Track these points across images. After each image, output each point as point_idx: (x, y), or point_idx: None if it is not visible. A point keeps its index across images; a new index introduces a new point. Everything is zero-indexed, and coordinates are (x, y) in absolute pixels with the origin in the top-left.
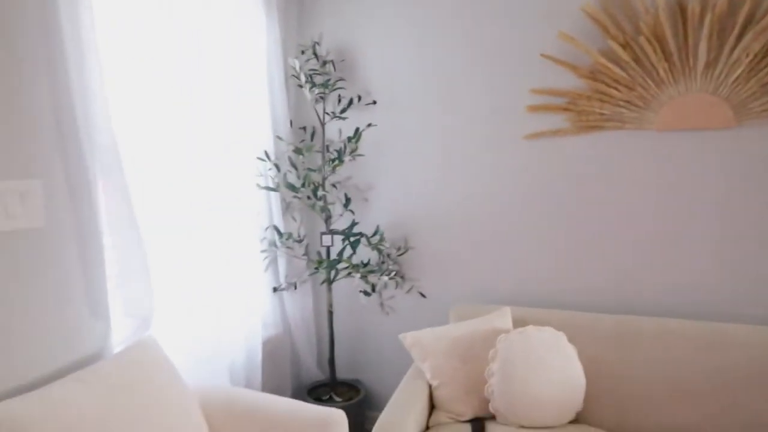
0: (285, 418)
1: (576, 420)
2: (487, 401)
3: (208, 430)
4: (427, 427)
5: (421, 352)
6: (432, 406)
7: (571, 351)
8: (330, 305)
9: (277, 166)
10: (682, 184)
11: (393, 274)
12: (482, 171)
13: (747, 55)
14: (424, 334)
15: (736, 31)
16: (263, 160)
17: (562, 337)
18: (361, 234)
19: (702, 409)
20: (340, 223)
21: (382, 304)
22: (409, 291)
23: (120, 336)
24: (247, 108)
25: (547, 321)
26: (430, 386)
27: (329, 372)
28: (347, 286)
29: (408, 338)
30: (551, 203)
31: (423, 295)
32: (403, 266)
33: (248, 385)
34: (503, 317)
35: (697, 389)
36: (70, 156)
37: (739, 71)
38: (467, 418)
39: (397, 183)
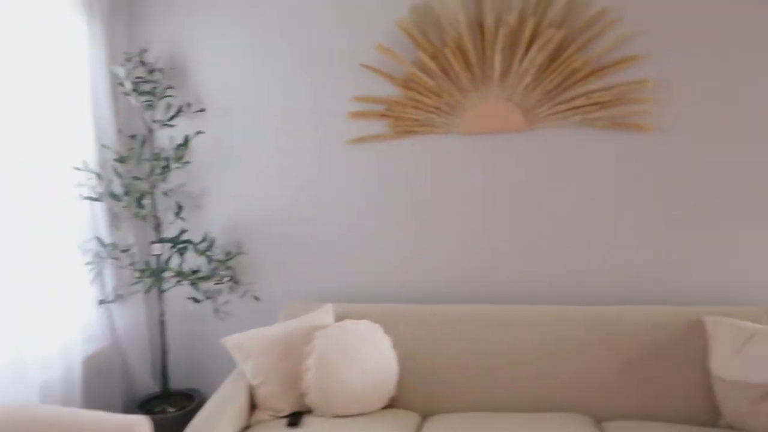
0: (87, 429)
1: (389, 405)
2: (304, 395)
3: None
4: (248, 426)
5: (242, 354)
6: (254, 406)
7: (385, 341)
8: (161, 315)
9: (99, 176)
10: (484, 183)
11: (226, 279)
12: (311, 174)
13: (533, 66)
14: (246, 335)
15: (523, 45)
16: (81, 170)
17: (377, 329)
18: (188, 241)
19: (500, 386)
20: (173, 230)
21: (216, 310)
22: (243, 295)
23: None
24: (65, 116)
25: (367, 315)
26: (251, 386)
27: (162, 383)
28: (180, 295)
29: (230, 341)
30: (376, 204)
31: (257, 298)
32: (238, 271)
33: (65, 402)
34: (325, 314)
35: (496, 368)
36: None
37: (526, 80)
38: (286, 413)
39: (231, 188)
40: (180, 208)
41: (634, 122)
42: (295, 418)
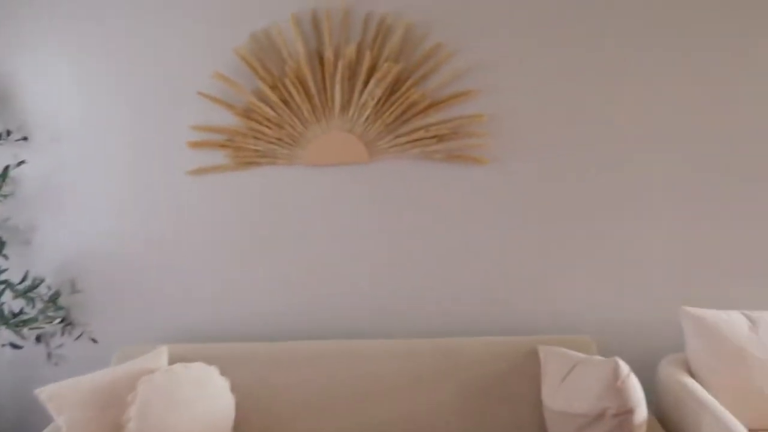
0: None
1: None
2: None
3: None
4: None
5: (57, 407)
6: None
7: (222, 384)
8: None
9: None
10: (327, 214)
11: (57, 321)
12: (149, 207)
13: (372, 99)
14: (62, 384)
15: (362, 78)
16: None
17: (212, 371)
18: (4, 281)
19: (343, 424)
20: (6, 264)
21: (49, 355)
22: (78, 338)
23: None
24: None
25: (205, 355)
26: None
27: None
28: (4, 340)
29: (44, 392)
30: (217, 238)
31: (94, 340)
32: (73, 311)
33: None
34: (158, 357)
35: (338, 405)
36: None
37: (367, 113)
38: None
39: (64, 223)
40: (2, 244)
41: (471, 155)
42: None
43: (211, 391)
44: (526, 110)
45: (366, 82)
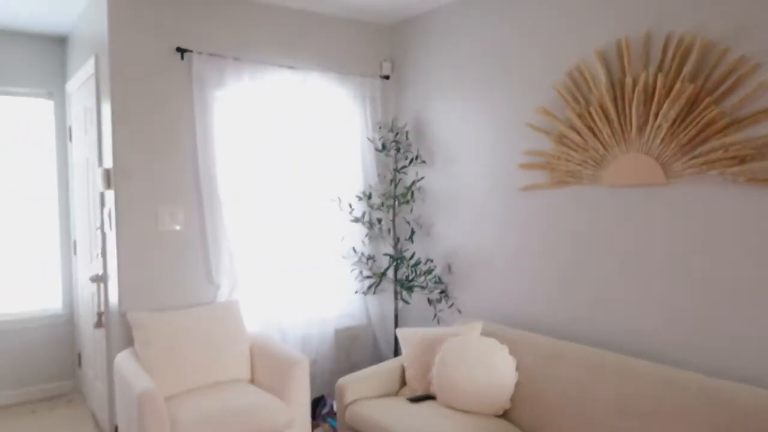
0: (282, 356)
1: (502, 416)
2: (430, 384)
3: (250, 353)
4: (395, 395)
5: (403, 342)
6: (403, 383)
7: (507, 361)
8: (396, 309)
9: (350, 206)
10: (624, 232)
11: (438, 291)
12: (495, 214)
13: (666, 121)
14: (410, 330)
15: (656, 101)
16: (360, 198)
17: (502, 348)
18: (402, 257)
19: (598, 428)
20: (415, 247)
21: (434, 315)
22: (450, 307)
23: (221, 295)
24: (347, 165)
25: (506, 337)
26: (403, 366)
27: (394, 353)
28: (416, 299)
29: (401, 332)
30: (539, 243)
31: (459, 311)
32: (449, 287)
33: (318, 352)
34: (473, 328)
35: (597, 413)
36: (197, 194)
37: (662, 135)
38: (419, 394)
39: (451, 222)
40: (413, 232)
41: None
42: (419, 398)
43: (495, 364)
44: None
45: (661, 105)
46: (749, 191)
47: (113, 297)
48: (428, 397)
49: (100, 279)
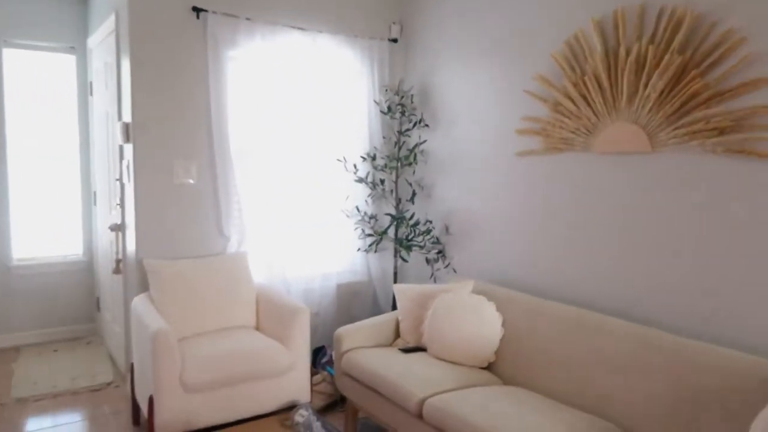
0: (285, 305)
1: (487, 368)
2: (422, 336)
3: (255, 302)
4: (389, 346)
5: (399, 297)
6: (397, 335)
7: (494, 317)
8: (395, 267)
9: (355, 166)
10: (610, 196)
11: (436, 251)
12: (492, 178)
13: (654, 91)
14: (407, 286)
15: (646, 71)
16: (364, 159)
17: (490, 306)
18: (402, 217)
19: (570, 381)
20: (415, 208)
21: (431, 275)
22: (446, 266)
23: (231, 246)
24: (353, 126)
25: (495, 294)
26: (397, 319)
27: (392, 307)
28: (414, 258)
29: (397, 287)
30: (530, 207)
31: (455, 270)
32: (446, 247)
33: (320, 305)
34: (465, 286)
35: (574, 365)
36: (210, 150)
37: (650, 105)
38: (413, 345)
39: (451, 184)
40: (414, 194)
41: (756, 149)
42: (410, 349)
43: (481, 319)
44: None
45: (651, 76)
46: (727, 161)
47: (130, 245)
48: (419, 348)
49: (119, 228)
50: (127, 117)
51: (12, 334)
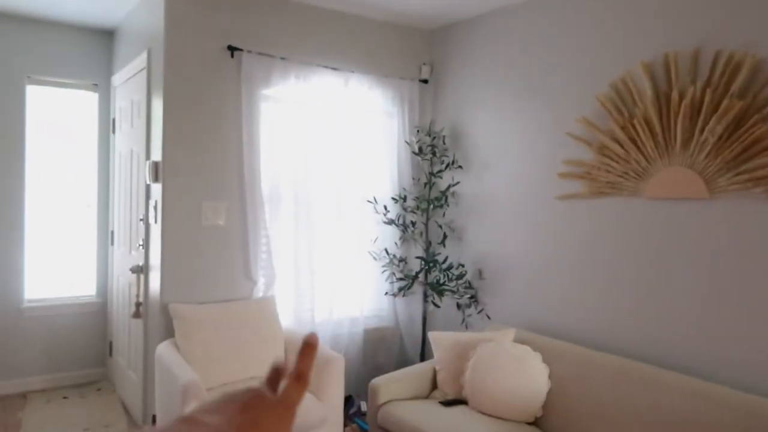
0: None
1: (534, 423)
2: (463, 388)
3: (284, 347)
4: (426, 397)
5: (435, 345)
6: (434, 386)
7: (540, 368)
8: (424, 311)
9: (385, 207)
10: (662, 245)
11: (468, 296)
12: (530, 222)
13: (712, 136)
14: (443, 333)
15: (702, 116)
16: (395, 200)
17: (535, 356)
18: (435, 261)
19: None
20: (446, 251)
21: (462, 320)
22: (480, 312)
23: (258, 291)
24: (381, 168)
25: (539, 344)
26: (434, 369)
27: (420, 356)
28: (446, 303)
29: (433, 335)
30: (571, 250)
31: (488, 317)
32: (479, 292)
33: (348, 351)
34: (506, 335)
35: (627, 423)
36: (240, 191)
37: (707, 150)
38: (452, 397)
39: (483, 228)
40: (445, 236)
41: None
42: (451, 402)
43: (528, 371)
44: None
45: (707, 121)
46: None
47: (154, 288)
48: (460, 401)
49: (140, 270)
50: (156, 156)
51: (19, 379)
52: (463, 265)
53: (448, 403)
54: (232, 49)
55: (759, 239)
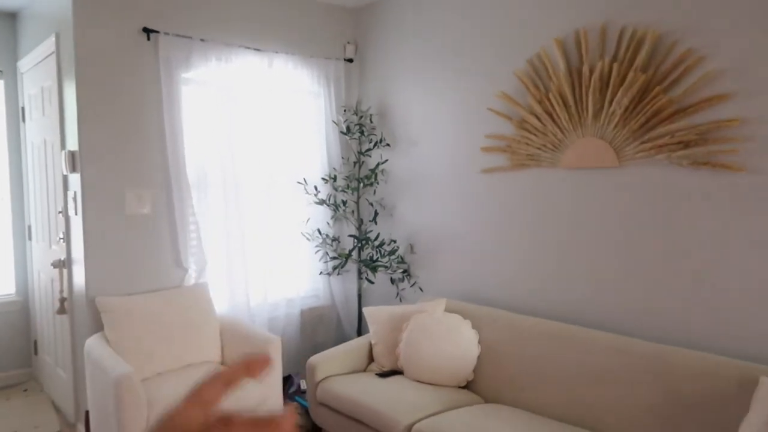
0: (254, 336)
1: (466, 386)
2: (398, 359)
3: (219, 335)
4: (363, 371)
5: (371, 320)
6: (371, 359)
7: (471, 334)
8: (359, 289)
9: (316, 188)
10: (578, 210)
11: (401, 271)
12: (458, 195)
13: (619, 108)
14: (378, 308)
15: (610, 89)
16: (325, 180)
17: (466, 324)
18: (367, 238)
19: (557, 395)
20: (378, 228)
21: (397, 294)
22: (412, 285)
23: (189, 278)
24: (309, 148)
25: (468, 312)
26: (370, 343)
27: (357, 333)
28: (379, 279)
29: (368, 310)
30: (497, 223)
31: (421, 289)
32: (411, 266)
33: (285, 332)
34: (437, 305)
35: (551, 378)
36: (165, 177)
37: (615, 121)
38: (388, 369)
39: (413, 203)
40: (376, 214)
41: (720, 161)
42: (387, 373)
43: (459, 338)
44: None
45: (615, 93)
46: (692, 173)
47: (78, 282)
48: (396, 372)
49: (63, 264)
50: (72, 145)
51: None
52: (395, 241)
53: (384, 375)
54: (147, 32)
55: (663, 201)
